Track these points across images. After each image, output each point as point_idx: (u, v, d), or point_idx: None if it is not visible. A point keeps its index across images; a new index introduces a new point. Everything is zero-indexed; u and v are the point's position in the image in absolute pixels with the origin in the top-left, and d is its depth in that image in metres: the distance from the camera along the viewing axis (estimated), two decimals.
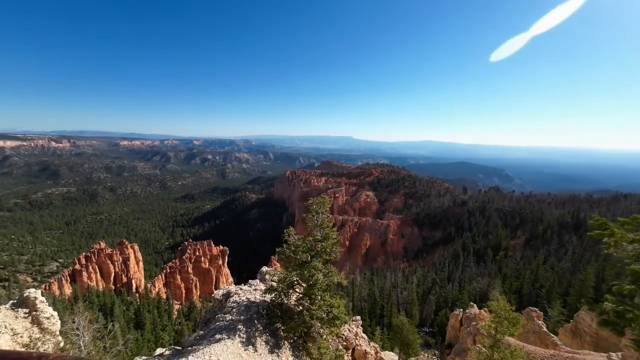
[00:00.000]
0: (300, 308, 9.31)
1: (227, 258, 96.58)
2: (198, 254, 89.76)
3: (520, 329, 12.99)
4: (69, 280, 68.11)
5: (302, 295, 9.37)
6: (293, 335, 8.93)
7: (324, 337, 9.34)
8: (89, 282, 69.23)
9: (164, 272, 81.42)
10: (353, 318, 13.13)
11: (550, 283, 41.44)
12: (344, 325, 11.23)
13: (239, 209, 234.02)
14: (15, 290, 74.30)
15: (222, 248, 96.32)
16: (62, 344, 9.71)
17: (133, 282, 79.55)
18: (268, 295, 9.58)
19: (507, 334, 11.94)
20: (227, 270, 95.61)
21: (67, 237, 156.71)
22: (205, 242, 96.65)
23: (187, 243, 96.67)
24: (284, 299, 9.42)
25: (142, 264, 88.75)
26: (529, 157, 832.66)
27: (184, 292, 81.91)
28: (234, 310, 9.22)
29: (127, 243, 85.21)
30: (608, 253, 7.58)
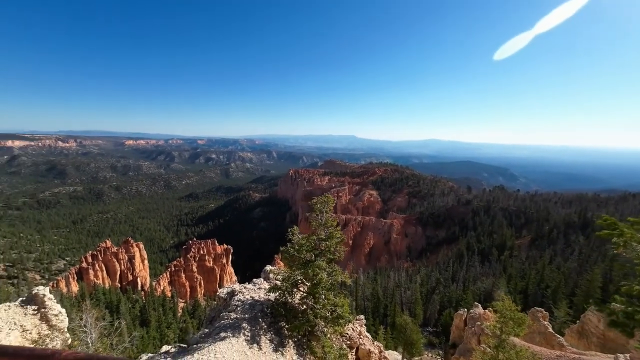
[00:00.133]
0: (304, 307, 9.32)
1: (231, 257, 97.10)
2: (202, 253, 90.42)
3: (526, 330, 12.87)
4: (76, 278, 69.08)
5: (306, 294, 9.38)
6: (297, 334, 8.95)
7: (328, 336, 9.35)
8: (96, 280, 70.19)
9: (169, 270, 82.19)
10: (357, 317, 13.12)
11: (556, 283, 41.00)
12: (348, 324, 11.22)
13: (243, 208, 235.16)
14: (24, 288, 75.62)
15: (226, 247, 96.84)
16: (69, 341, 9.84)
17: (138, 280, 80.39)
18: (272, 294, 9.61)
19: (512, 335, 11.84)
20: (231, 269, 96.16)
21: (74, 235, 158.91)
22: (210, 240, 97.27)
23: (191, 242, 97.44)
24: (288, 298, 9.44)
25: (147, 263, 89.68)
26: (535, 156, 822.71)
27: (189, 290, 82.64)
28: (239, 309, 9.27)
29: (132, 242, 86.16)
30: (617, 253, 7.47)
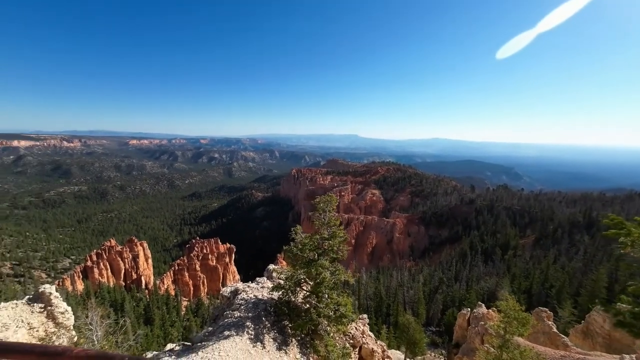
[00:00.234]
0: (308, 306, 9.34)
1: (233, 256, 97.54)
2: (205, 252, 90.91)
3: (530, 330, 12.79)
4: (81, 277, 69.90)
5: (309, 293, 9.40)
6: (300, 333, 8.97)
7: (331, 334, 9.36)
8: (100, 278, 70.91)
9: (173, 269, 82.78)
10: (360, 316, 13.13)
11: (561, 283, 40.67)
12: (351, 324, 11.23)
13: (246, 207, 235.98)
14: (30, 286, 76.54)
15: (229, 246, 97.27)
16: (75, 339, 9.94)
17: (142, 278, 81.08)
18: (275, 293, 9.63)
19: (516, 334, 11.77)
20: (234, 268, 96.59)
21: (78, 234, 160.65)
22: (213, 239, 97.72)
23: (194, 241, 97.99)
24: (291, 297, 9.46)
25: (151, 261, 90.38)
26: (539, 155, 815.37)
27: (192, 289, 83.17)
28: (242, 308, 9.31)
29: (136, 240, 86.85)
30: (623, 253, 7.39)
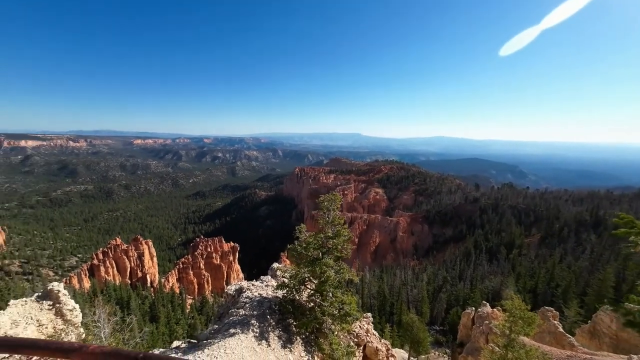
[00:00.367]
0: (312, 304, 9.37)
1: (237, 254, 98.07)
2: (209, 250, 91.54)
3: (536, 329, 12.68)
4: (88, 275, 70.88)
5: (313, 292, 9.43)
6: (305, 331, 9.01)
7: (336, 333, 9.38)
8: (107, 276, 71.82)
9: (177, 267, 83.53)
10: (364, 315, 13.13)
11: (567, 282, 40.27)
12: (355, 322, 11.24)
13: (249, 206, 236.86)
14: (39, 284, 77.84)
15: (232, 244, 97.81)
16: (83, 336, 10.08)
17: (148, 277, 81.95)
18: (280, 291, 9.68)
19: (521, 334, 11.69)
20: (237, 267, 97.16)
21: (85, 233, 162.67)
22: (217, 238, 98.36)
23: (198, 239, 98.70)
24: (296, 295, 9.50)
25: (156, 260, 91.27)
26: (544, 153, 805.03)
27: (197, 287, 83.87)
28: (247, 306, 9.36)
29: (141, 239, 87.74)
30: (634, 252, 7.28)
